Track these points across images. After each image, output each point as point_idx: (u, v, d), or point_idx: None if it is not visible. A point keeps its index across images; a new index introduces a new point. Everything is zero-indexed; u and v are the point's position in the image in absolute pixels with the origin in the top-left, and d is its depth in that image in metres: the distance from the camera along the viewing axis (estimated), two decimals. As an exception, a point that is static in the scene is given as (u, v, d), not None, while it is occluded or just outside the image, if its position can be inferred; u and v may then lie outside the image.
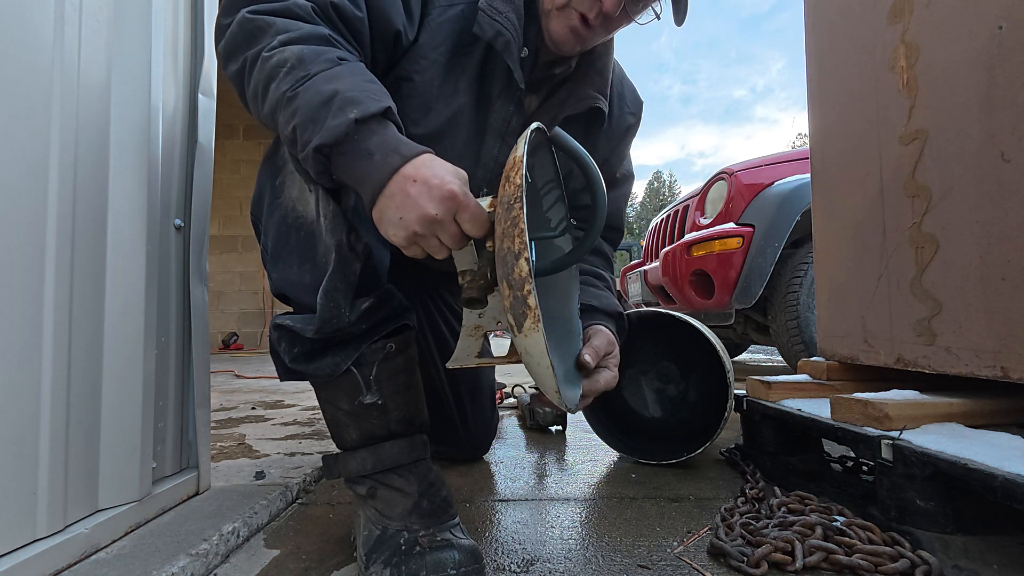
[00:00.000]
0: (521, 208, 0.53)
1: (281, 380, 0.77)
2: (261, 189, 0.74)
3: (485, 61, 0.83)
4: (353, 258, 0.68)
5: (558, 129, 0.66)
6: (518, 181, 0.55)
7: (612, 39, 0.95)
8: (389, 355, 0.73)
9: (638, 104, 1.07)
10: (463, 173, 0.61)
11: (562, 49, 0.83)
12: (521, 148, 0.57)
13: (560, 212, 0.80)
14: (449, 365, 0.75)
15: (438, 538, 0.66)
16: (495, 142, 0.87)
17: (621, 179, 1.08)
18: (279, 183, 0.71)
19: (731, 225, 2.44)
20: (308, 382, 0.76)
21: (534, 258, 0.68)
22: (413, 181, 0.58)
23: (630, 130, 1.06)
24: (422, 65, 0.80)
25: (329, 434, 1.44)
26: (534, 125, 0.63)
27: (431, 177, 0.58)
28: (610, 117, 0.99)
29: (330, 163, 0.62)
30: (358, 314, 0.69)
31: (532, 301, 0.52)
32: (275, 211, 0.71)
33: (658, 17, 0.83)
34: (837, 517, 0.76)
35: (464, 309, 0.71)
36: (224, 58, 0.67)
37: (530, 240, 0.70)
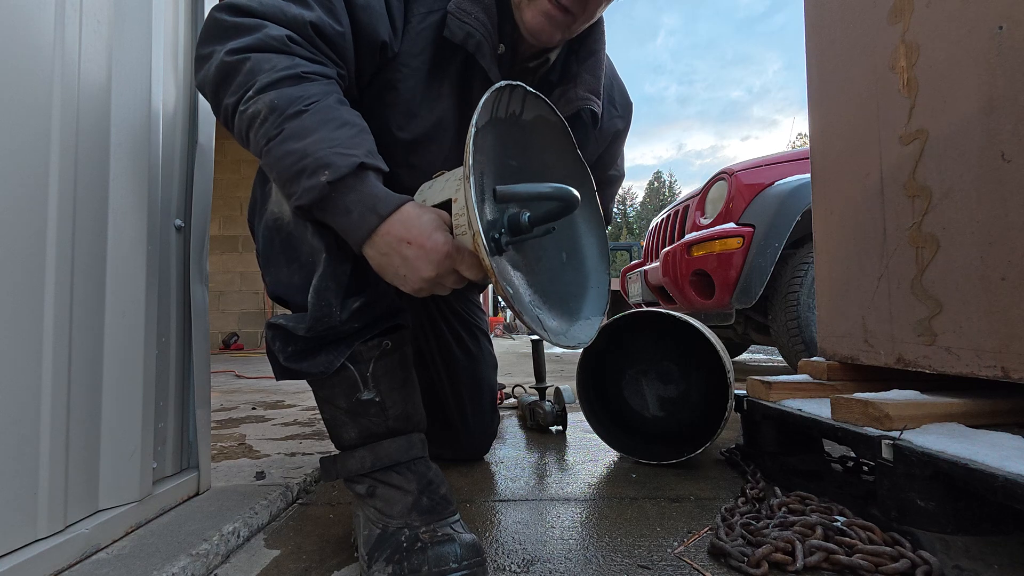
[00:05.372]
0: (470, 149, 0.56)
1: (277, 379, 0.78)
2: (254, 197, 0.78)
3: (465, 64, 0.83)
4: (343, 258, 0.69)
5: (499, 188, 0.63)
6: (468, 146, 0.57)
7: (603, 38, 0.93)
8: (385, 352, 0.74)
9: (627, 107, 1.05)
10: (445, 217, 0.63)
11: (540, 39, 0.80)
12: (473, 119, 0.59)
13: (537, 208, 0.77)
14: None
15: (439, 533, 0.66)
16: None
17: (611, 179, 1.09)
18: (267, 189, 0.74)
19: (731, 225, 2.44)
20: (308, 383, 0.77)
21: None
22: (408, 243, 0.60)
23: (619, 134, 1.05)
24: (404, 73, 0.79)
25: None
26: (497, 85, 0.63)
27: (425, 240, 0.60)
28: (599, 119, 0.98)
29: (312, 215, 0.65)
30: (349, 313, 0.70)
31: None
32: (262, 216, 0.73)
33: None
34: (838, 517, 0.76)
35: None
36: (209, 98, 0.68)
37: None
